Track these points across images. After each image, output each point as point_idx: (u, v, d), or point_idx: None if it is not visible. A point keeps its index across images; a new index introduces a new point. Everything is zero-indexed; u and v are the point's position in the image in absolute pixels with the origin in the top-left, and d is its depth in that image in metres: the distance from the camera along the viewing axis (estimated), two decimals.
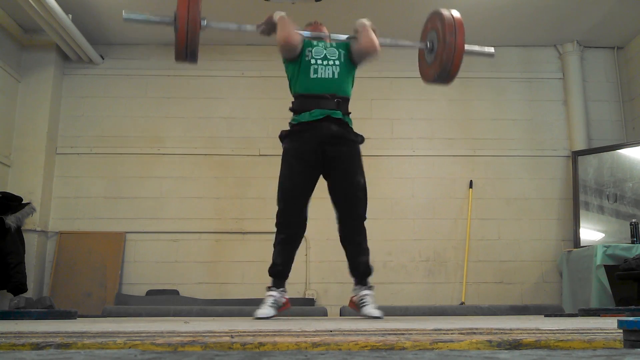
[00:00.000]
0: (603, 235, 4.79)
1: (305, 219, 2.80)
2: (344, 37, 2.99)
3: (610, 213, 4.81)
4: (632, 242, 4.21)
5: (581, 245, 4.71)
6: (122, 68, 5.23)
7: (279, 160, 2.99)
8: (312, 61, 2.84)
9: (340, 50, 2.91)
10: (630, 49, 5.25)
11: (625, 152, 4.87)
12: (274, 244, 2.81)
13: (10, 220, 4.24)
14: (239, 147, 5.09)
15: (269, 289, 2.77)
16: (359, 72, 3.13)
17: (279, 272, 2.77)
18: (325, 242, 4.70)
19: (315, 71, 2.82)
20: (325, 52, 2.88)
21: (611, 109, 5.27)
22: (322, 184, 2.88)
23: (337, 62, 2.86)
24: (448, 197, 5.06)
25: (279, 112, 3.06)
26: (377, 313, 2.67)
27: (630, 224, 4.30)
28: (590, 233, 4.82)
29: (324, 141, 2.77)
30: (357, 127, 5.16)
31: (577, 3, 4.63)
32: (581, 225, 4.84)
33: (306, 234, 2.89)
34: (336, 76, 2.84)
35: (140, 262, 4.86)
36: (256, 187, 4.98)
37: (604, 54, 5.37)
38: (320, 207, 2.97)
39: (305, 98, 2.83)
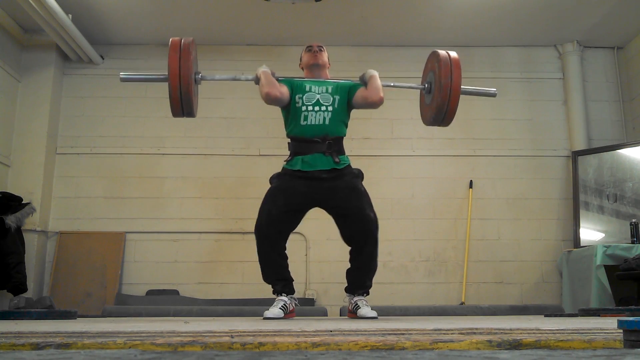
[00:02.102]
0: (603, 235, 4.79)
1: (284, 250, 2.84)
2: (347, 83, 2.98)
3: (610, 213, 4.81)
4: (632, 242, 4.21)
5: (581, 245, 4.71)
6: (122, 68, 5.20)
7: (279, 160, 3.01)
8: (303, 108, 2.84)
9: (335, 96, 2.88)
10: (630, 49, 5.25)
11: (625, 152, 4.87)
12: (262, 271, 2.83)
13: (10, 220, 4.24)
14: (239, 147, 5.09)
15: (278, 293, 2.79)
16: (360, 72, 3.14)
17: (280, 290, 2.82)
18: (325, 242, 4.70)
19: (306, 118, 2.83)
20: (318, 97, 2.86)
21: (611, 109, 5.26)
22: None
23: (329, 109, 2.85)
24: (448, 197, 5.06)
25: (278, 112, 3.06)
26: (372, 314, 2.73)
27: (630, 224, 4.30)
28: (590, 233, 4.82)
29: (316, 189, 2.78)
30: (357, 127, 5.17)
31: (577, 3, 4.63)
32: (581, 225, 4.84)
33: (306, 234, 2.91)
34: (327, 122, 2.84)
35: (140, 262, 4.86)
36: (256, 187, 4.96)
37: (604, 54, 5.37)
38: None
39: (297, 142, 2.86)
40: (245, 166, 5.05)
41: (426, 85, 3.00)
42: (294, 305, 2.84)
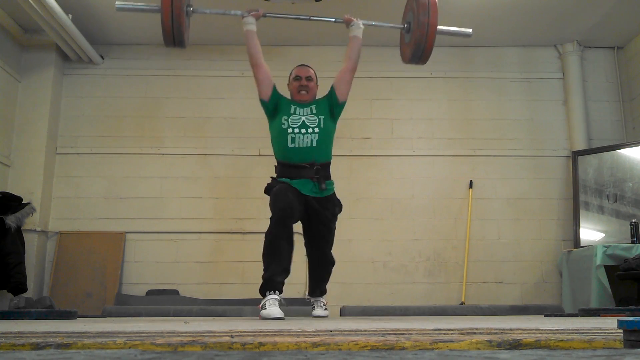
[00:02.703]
0: (603, 235, 4.79)
1: (293, 232, 2.87)
2: (331, 19, 3.23)
3: (610, 213, 4.81)
4: (632, 242, 4.21)
5: (581, 245, 4.71)
6: (122, 68, 5.23)
7: None
8: (289, 130, 2.92)
9: (320, 116, 2.98)
10: (630, 49, 5.25)
11: (625, 152, 4.87)
12: (264, 254, 2.82)
13: (10, 220, 4.24)
14: (239, 147, 5.09)
15: (273, 291, 2.73)
16: (359, 72, 3.17)
17: (279, 282, 2.78)
18: None
19: (293, 140, 2.91)
20: (303, 118, 2.95)
21: (611, 109, 5.26)
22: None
23: (316, 130, 2.93)
24: (448, 197, 5.06)
25: None
26: (322, 313, 3.18)
27: (630, 224, 4.30)
28: (590, 233, 4.82)
29: (307, 201, 2.90)
30: (357, 127, 5.16)
31: (577, 3, 4.63)
32: (581, 225, 4.84)
33: None
34: (314, 144, 2.91)
35: (140, 262, 4.86)
36: (256, 187, 4.96)
37: (604, 54, 5.37)
38: None
39: (285, 167, 2.95)
40: (245, 166, 5.05)
41: (405, 24, 3.20)
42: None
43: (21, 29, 4.92)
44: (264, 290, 2.76)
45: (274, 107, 3.03)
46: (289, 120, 2.94)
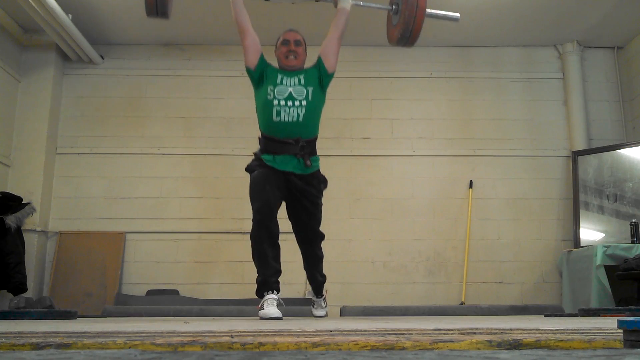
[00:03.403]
0: (603, 235, 4.79)
1: (277, 228, 2.77)
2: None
3: (610, 213, 4.81)
4: (632, 242, 4.21)
5: (581, 245, 4.71)
6: (122, 68, 5.23)
7: None
8: (275, 102, 2.78)
9: (309, 87, 2.83)
10: (630, 49, 5.25)
11: (625, 152, 4.87)
12: (253, 256, 2.75)
13: (10, 220, 4.24)
14: (239, 147, 5.09)
15: (270, 291, 2.69)
16: (359, 72, 3.17)
17: (274, 282, 2.72)
18: (324, 242, 4.69)
19: (278, 114, 2.77)
20: (290, 90, 2.80)
21: (611, 109, 5.26)
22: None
23: (303, 103, 2.79)
24: (448, 197, 5.06)
25: None
26: (321, 313, 3.26)
27: (630, 224, 4.30)
28: (590, 233, 4.82)
29: (288, 184, 2.81)
30: (357, 127, 5.16)
31: (577, 3, 4.63)
32: (581, 225, 4.84)
33: None
34: (301, 119, 2.78)
35: (140, 262, 4.86)
36: None
37: (604, 54, 5.37)
38: None
39: (269, 141, 2.82)
40: (245, 166, 5.04)
41: (394, 6, 3.16)
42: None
43: (21, 29, 4.92)
44: (261, 292, 2.73)
45: (260, 76, 2.88)
46: (275, 90, 2.79)
